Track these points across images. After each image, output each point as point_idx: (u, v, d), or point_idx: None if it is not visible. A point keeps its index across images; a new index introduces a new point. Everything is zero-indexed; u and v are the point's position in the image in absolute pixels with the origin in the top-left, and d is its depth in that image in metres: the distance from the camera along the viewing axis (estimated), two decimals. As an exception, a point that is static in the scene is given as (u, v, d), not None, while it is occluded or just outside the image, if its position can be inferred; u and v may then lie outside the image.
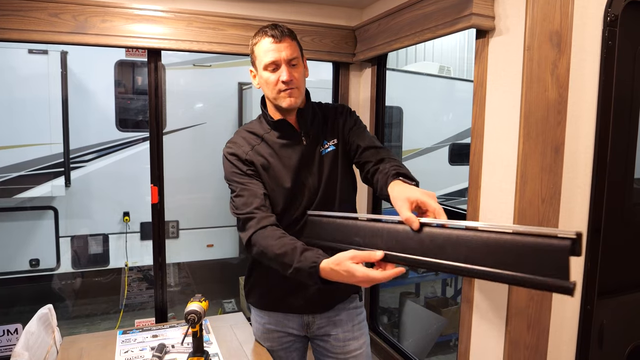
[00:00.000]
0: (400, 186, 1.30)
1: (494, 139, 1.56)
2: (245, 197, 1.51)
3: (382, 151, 1.56)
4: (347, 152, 1.64)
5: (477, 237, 1.03)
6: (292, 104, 1.53)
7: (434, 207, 1.17)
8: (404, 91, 5.21)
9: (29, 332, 1.57)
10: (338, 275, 1.25)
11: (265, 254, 1.42)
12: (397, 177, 1.36)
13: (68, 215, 4.32)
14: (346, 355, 1.69)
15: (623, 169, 1.67)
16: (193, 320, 1.50)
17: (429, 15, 1.71)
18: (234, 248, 4.96)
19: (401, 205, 1.21)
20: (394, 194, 1.28)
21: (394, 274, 1.19)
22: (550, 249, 0.91)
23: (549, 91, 1.45)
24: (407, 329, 3.98)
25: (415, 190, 1.24)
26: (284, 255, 1.36)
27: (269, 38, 1.50)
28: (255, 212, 1.47)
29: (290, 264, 1.34)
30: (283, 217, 1.56)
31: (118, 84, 4.47)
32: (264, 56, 1.51)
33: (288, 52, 1.50)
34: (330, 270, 1.27)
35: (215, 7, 2.04)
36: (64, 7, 1.80)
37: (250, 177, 1.55)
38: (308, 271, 1.31)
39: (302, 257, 1.34)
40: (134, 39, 1.91)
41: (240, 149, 1.58)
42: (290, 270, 1.35)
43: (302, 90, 1.56)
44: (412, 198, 1.21)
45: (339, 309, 1.70)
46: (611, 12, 1.54)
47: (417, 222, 1.16)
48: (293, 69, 1.52)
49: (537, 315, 1.54)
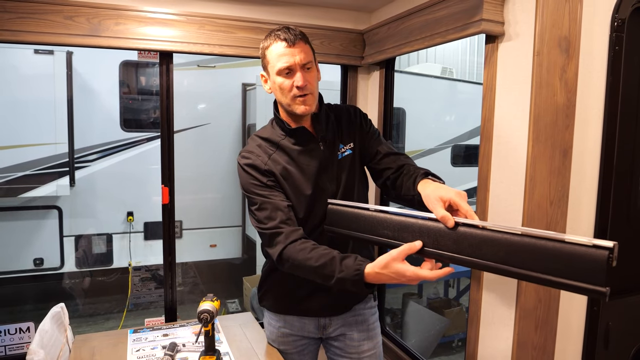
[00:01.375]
0: (432, 185, 1.33)
1: (503, 142, 1.58)
2: (268, 210, 1.47)
3: (402, 157, 1.57)
4: (363, 156, 1.64)
5: (514, 240, 1.07)
6: (307, 111, 1.50)
7: (466, 208, 1.20)
8: (407, 93, 5.23)
9: (43, 331, 1.59)
10: (386, 277, 1.26)
11: (301, 267, 1.40)
12: (426, 177, 1.39)
13: (72, 214, 4.35)
14: (360, 355, 1.70)
15: (630, 171, 1.69)
16: (206, 319, 1.51)
17: (439, 20, 1.73)
18: (237, 248, 4.99)
19: (435, 203, 1.24)
20: (426, 192, 1.30)
21: (443, 273, 1.22)
22: (588, 256, 0.97)
23: (557, 95, 1.48)
24: (410, 329, 4.01)
25: (448, 190, 1.26)
26: (323, 267, 1.35)
27: (282, 42, 1.45)
28: (282, 226, 1.44)
29: (332, 275, 1.33)
30: (305, 225, 1.53)
31: (122, 84, 4.50)
32: (277, 61, 1.46)
33: (302, 56, 1.46)
34: (375, 274, 1.27)
35: (226, 10, 2.06)
36: (78, 10, 1.82)
37: (271, 189, 1.50)
38: (352, 279, 1.30)
39: (342, 266, 1.33)
40: (146, 41, 1.93)
41: (259, 159, 1.53)
42: (332, 281, 1.34)
43: (315, 95, 1.53)
44: (446, 197, 1.24)
45: (355, 310, 1.70)
46: (618, 17, 1.56)
47: (452, 220, 1.18)
48: (307, 73, 1.48)
49: (545, 316, 1.56)
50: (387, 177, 1.57)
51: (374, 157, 1.62)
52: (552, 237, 1.03)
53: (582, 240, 0.98)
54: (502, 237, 1.10)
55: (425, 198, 1.29)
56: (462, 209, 1.21)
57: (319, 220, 1.55)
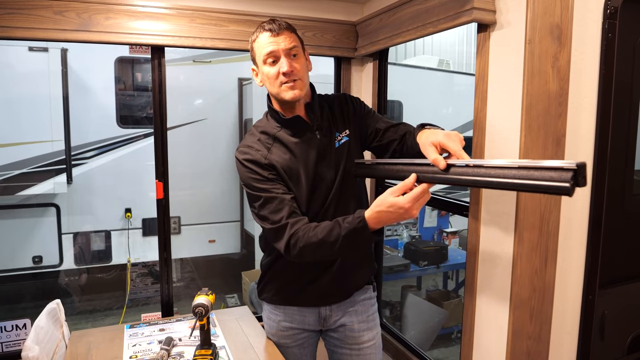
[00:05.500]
0: (426, 132, 1.39)
1: (496, 132, 1.58)
2: (273, 205, 1.47)
3: (401, 126, 1.60)
4: (362, 139, 1.66)
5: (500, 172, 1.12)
6: (296, 97, 1.49)
7: (455, 148, 1.24)
8: (404, 85, 5.21)
9: (39, 327, 1.59)
10: (385, 214, 1.31)
11: (310, 246, 1.41)
12: (422, 128, 1.44)
13: (70, 212, 4.35)
14: (360, 345, 1.71)
15: (623, 160, 1.69)
16: (200, 313, 1.52)
17: (430, 9, 1.72)
18: (236, 243, 4.99)
19: (428, 148, 1.29)
20: (421, 140, 1.36)
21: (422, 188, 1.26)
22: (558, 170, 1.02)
23: (549, 84, 1.47)
24: (409, 322, 4.01)
25: (438, 134, 1.32)
26: (329, 234, 1.38)
27: (267, 32, 1.47)
28: (287, 220, 1.46)
29: (338, 235, 1.37)
30: (306, 213, 1.54)
31: (118, 80, 4.49)
32: (263, 49, 1.48)
33: (286, 43, 1.47)
34: (375, 214, 1.32)
35: (217, 3, 2.05)
36: (67, 4, 1.80)
37: (274, 182, 1.50)
38: (356, 228, 1.35)
39: (345, 223, 1.37)
40: (137, 35, 1.92)
41: (258, 154, 1.53)
42: (339, 242, 1.37)
43: (305, 81, 1.53)
44: (435, 141, 1.29)
45: (355, 300, 1.71)
46: (611, 4, 1.55)
47: (443, 162, 1.23)
48: (293, 60, 1.49)
49: (540, 305, 1.56)
50: (394, 148, 1.60)
51: (375, 135, 1.64)
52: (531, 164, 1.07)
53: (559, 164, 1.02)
54: (486, 171, 1.15)
55: (422, 146, 1.34)
56: (450, 149, 1.25)
57: (319, 207, 1.56)
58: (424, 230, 5.05)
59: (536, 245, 1.52)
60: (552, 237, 1.55)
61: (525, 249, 1.51)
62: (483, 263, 1.65)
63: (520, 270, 1.51)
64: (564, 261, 1.61)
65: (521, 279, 1.52)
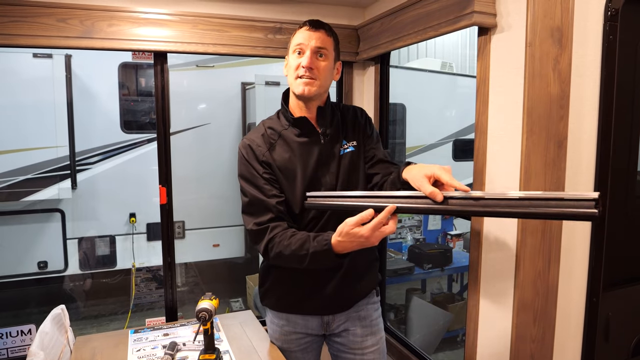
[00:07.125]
0: (416, 167, 1.37)
1: (498, 135, 1.58)
2: (256, 207, 1.53)
3: (392, 167, 1.61)
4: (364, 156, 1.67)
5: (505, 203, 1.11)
6: (305, 93, 1.51)
7: (448, 180, 1.22)
8: (407, 88, 5.22)
9: (43, 332, 1.60)
10: (347, 243, 1.32)
11: (283, 254, 1.45)
12: (408, 165, 1.42)
13: (75, 217, 4.36)
14: (364, 350, 1.70)
15: (626, 161, 1.68)
16: (204, 318, 1.52)
17: (431, 13, 1.73)
18: (240, 247, 4.98)
19: (421, 181, 1.26)
20: (412, 174, 1.33)
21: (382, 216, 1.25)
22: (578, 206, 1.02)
23: (551, 86, 1.47)
24: (414, 325, 4.00)
25: (431, 166, 1.29)
26: (300, 247, 1.41)
27: (306, 26, 1.53)
28: (268, 224, 1.50)
29: (307, 252, 1.39)
30: (302, 217, 1.56)
31: (122, 86, 4.51)
32: (295, 39, 1.54)
33: (318, 41, 1.51)
34: (338, 242, 1.34)
35: (219, 9, 2.06)
36: (71, 12, 1.82)
37: (266, 181, 1.54)
38: (322, 250, 1.36)
39: (314, 242, 1.39)
40: (140, 42, 1.93)
41: (259, 149, 1.56)
42: (307, 259, 1.40)
43: (322, 84, 1.54)
44: (429, 173, 1.26)
45: (359, 306, 1.71)
46: (611, 6, 1.55)
47: (440, 194, 1.21)
48: (319, 59, 1.52)
49: (543, 308, 1.56)
50: (375, 182, 1.61)
51: (369, 161, 1.65)
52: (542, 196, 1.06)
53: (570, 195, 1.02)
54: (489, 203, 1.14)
55: (412, 180, 1.32)
56: (444, 181, 1.24)
57: (315, 213, 1.57)
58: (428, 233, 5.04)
59: (539, 248, 1.52)
60: (555, 239, 1.55)
61: (529, 252, 1.51)
62: (486, 266, 1.65)
63: (524, 273, 1.51)
64: (567, 264, 1.60)
65: (524, 281, 1.51)
